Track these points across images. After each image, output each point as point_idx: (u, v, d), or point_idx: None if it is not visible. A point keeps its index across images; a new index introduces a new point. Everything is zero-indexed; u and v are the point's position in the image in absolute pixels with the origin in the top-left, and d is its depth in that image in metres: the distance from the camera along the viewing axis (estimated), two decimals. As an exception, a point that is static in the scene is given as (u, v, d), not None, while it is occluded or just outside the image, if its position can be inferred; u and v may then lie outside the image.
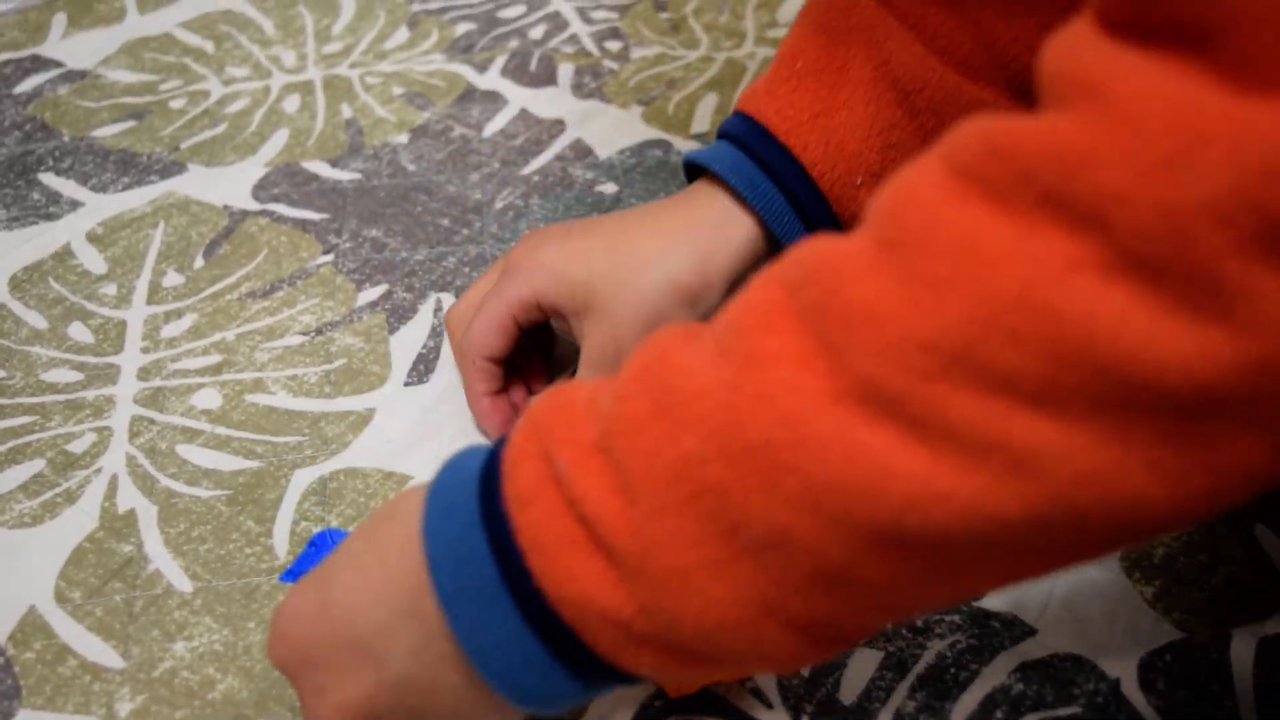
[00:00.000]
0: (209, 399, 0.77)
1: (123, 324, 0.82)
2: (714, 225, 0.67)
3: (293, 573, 0.66)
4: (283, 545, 0.68)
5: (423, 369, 0.78)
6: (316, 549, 0.66)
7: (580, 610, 0.43)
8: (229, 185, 0.94)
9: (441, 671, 0.47)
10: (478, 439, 0.73)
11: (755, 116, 0.69)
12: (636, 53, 1.08)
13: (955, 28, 0.67)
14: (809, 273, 0.40)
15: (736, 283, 0.69)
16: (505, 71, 1.06)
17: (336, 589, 0.49)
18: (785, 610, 0.41)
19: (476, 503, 0.45)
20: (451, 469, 0.48)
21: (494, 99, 1.02)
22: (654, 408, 0.42)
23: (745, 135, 0.69)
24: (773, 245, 0.69)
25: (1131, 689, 0.60)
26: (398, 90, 1.04)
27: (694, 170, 0.72)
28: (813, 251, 0.41)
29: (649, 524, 0.41)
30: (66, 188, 0.95)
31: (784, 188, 0.67)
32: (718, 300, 0.67)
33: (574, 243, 0.68)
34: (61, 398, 0.77)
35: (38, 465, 0.73)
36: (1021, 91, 0.68)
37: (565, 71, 1.05)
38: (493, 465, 0.46)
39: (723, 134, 0.71)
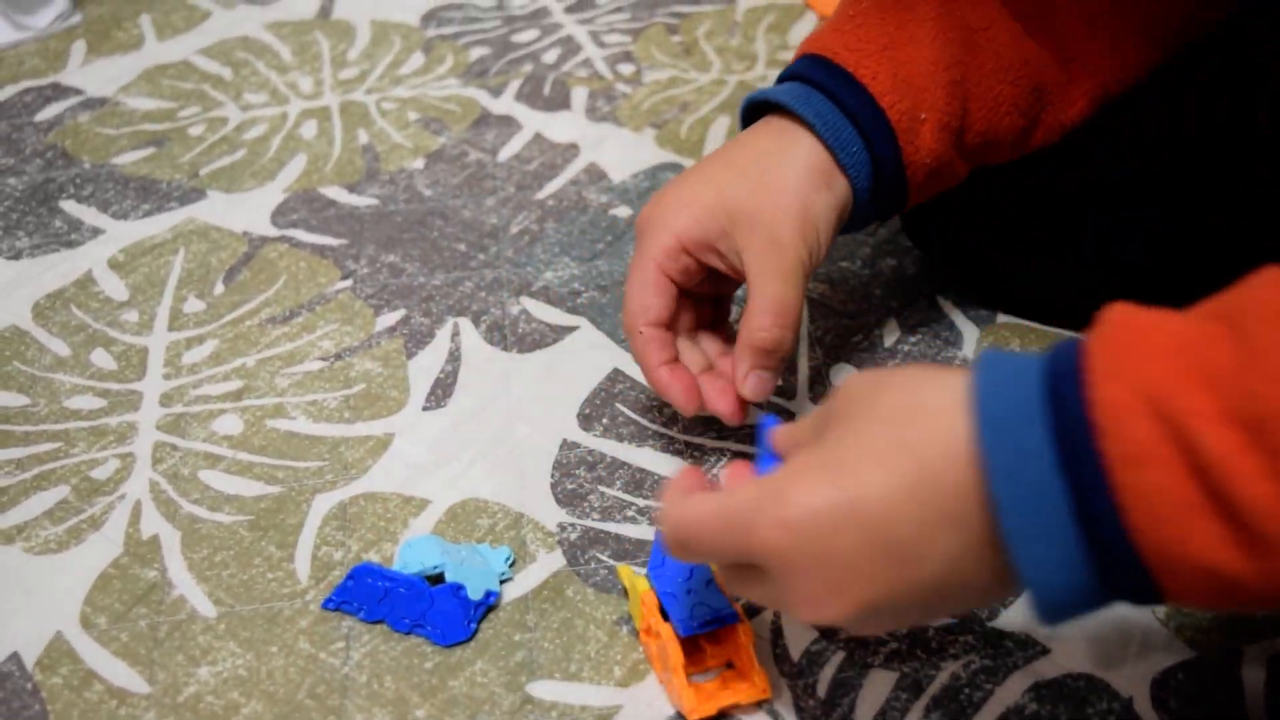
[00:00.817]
0: (230, 425, 0.78)
1: (144, 350, 0.84)
2: (835, 182, 0.68)
3: (333, 600, 0.67)
4: (304, 570, 0.69)
5: (441, 393, 0.79)
6: (356, 581, 0.67)
7: (1182, 568, 0.44)
8: (248, 211, 0.95)
9: (975, 575, 0.48)
10: (499, 463, 0.74)
11: (821, 53, 0.69)
12: (649, 76, 1.09)
13: None
14: None
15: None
16: (520, 96, 1.07)
17: (863, 488, 0.49)
18: None
19: (1052, 448, 0.45)
20: (999, 384, 0.47)
21: (509, 123, 1.04)
22: None
23: (811, 71, 0.69)
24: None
25: (1144, 707, 0.61)
26: (413, 115, 1.05)
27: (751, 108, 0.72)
28: None
29: None
30: (88, 215, 0.96)
31: (852, 119, 0.67)
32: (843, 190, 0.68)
33: (690, 182, 0.68)
34: (85, 424, 0.78)
35: (63, 491, 0.74)
36: (1066, 60, 0.69)
37: (579, 95, 1.06)
38: (1064, 402, 0.45)
39: (788, 76, 0.70)
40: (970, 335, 0.81)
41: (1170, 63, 0.73)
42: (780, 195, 0.67)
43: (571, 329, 0.83)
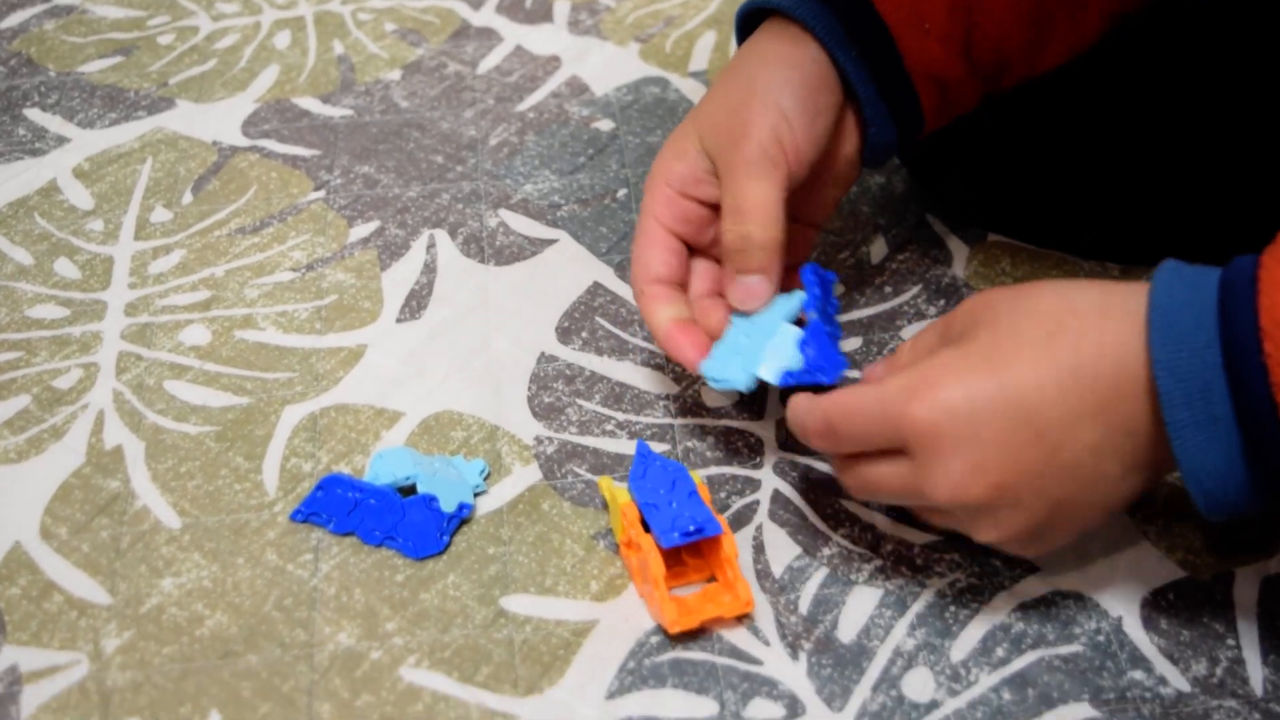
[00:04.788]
0: (197, 335, 0.76)
1: (110, 260, 0.81)
2: (805, 58, 0.65)
3: (301, 512, 0.65)
4: (272, 481, 0.67)
5: (415, 305, 0.77)
6: (325, 491, 0.65)
7: None
8: (218, 121, 0.93)
9: (1109, 465, 0.53)
10: (475, 376, 0.72)
11: None
12: (633, -10, 1.06)
13: None
14: None
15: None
16: (500, 8, 1.04)
17: (1017, 376, 0.53)
18: None
19: (1218, 345, 0.49)
20: (1175, 286, 0.51)
21: (489, 35, 1.01)
22: None
23: None
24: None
25: (1134, 627, 0.60)
26: (390, 26, 1.02)
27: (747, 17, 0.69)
28: None
29: None
30: (53, 123, 0.93)
31: (847, 24, 0.64)
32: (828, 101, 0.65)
33: (682, 127, 0.66)
34: (47, 334, 0.76)
35: (23, 401, 0.72)
36: None
37: (561, 8, 1.03)
38: (1235, 306, 0.49)
39: None
40: (960, 254, 0.79)
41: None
42: (742, 90, 0.64)
43: (551, 242, 0.81)
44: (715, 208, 0.65)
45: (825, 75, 0.64)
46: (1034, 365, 0.52)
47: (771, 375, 0.62)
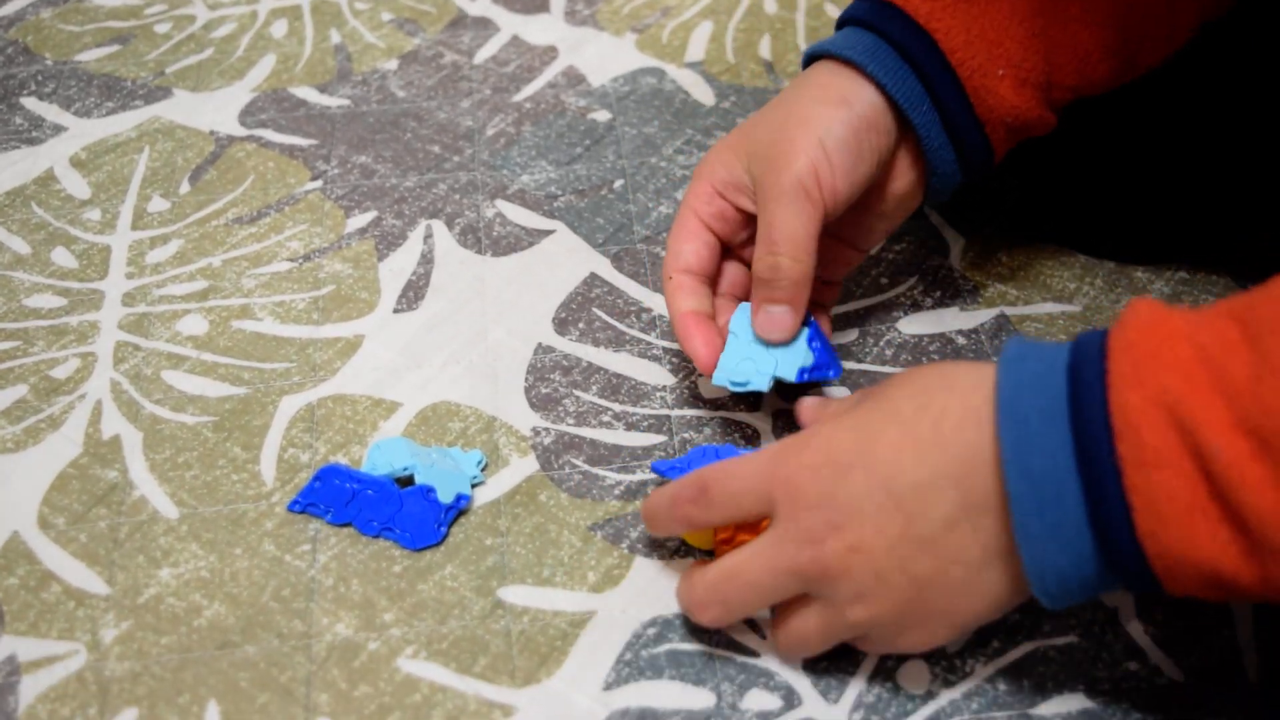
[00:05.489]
0: (195, 325, 0.76)
1: (107, 249, 0.81)
2: (857, 99, 0.64)
3: (299, 502, 0.65)
4: (270, 472, 0.67)
5: (412, 295, 0.77)
6: (323, 482, 0.65)
7: (1183, 567, 0.46)
8: (215, 111, 0.92)
9: (966, 545, 0.51)
10: (472, 366, 0.72)
11: (892, 1, 0.65)
12: (631, -21, 1.05)
13: None
14: None
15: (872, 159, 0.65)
16: (497, -3, 1.04)
17: (877, 437, 0.53)
18: None
19: (1070, 447, 0.48)
20: (1023, 380, 0.50)
21: (485, 25, 1.01)
22: None
23: (877, 19, 0.65)
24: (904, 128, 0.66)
25: (1129, 618, 0.60)
26: (387, 16, 1.02)
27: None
28: None
29: None
30: (50, 112, 0.93)
31: (921, 74, 0.64)
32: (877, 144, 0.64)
33: (733, 135, 0.67)
34: (45, 323, 0.76)
35: (20, 391, 0.72)
36: None
37: (558, -2, 1.04)
38: (1086, 404, 0.48)
39: (850, 19, 0.67)
40: (955, 244, 0.79)
41: None
42: (789, 119, 0.64)
43: (548, 232, 0.81)
44: (751, 215, 0.66)
45: (877, 119, 0.64)
46: (898, 434, 0.53)
47: (790, 373, 0.64)
